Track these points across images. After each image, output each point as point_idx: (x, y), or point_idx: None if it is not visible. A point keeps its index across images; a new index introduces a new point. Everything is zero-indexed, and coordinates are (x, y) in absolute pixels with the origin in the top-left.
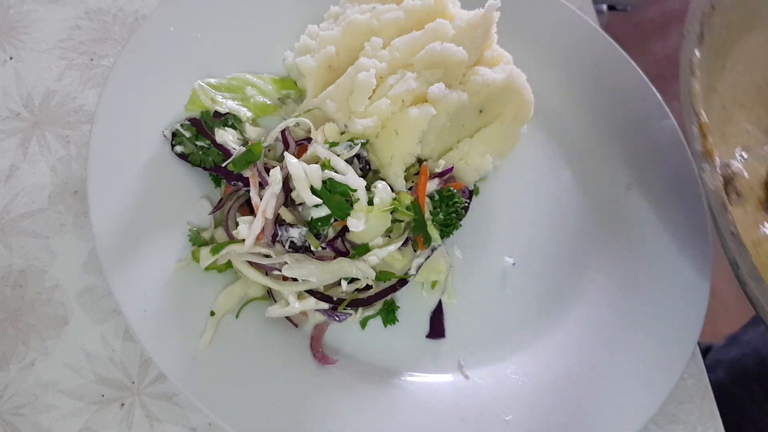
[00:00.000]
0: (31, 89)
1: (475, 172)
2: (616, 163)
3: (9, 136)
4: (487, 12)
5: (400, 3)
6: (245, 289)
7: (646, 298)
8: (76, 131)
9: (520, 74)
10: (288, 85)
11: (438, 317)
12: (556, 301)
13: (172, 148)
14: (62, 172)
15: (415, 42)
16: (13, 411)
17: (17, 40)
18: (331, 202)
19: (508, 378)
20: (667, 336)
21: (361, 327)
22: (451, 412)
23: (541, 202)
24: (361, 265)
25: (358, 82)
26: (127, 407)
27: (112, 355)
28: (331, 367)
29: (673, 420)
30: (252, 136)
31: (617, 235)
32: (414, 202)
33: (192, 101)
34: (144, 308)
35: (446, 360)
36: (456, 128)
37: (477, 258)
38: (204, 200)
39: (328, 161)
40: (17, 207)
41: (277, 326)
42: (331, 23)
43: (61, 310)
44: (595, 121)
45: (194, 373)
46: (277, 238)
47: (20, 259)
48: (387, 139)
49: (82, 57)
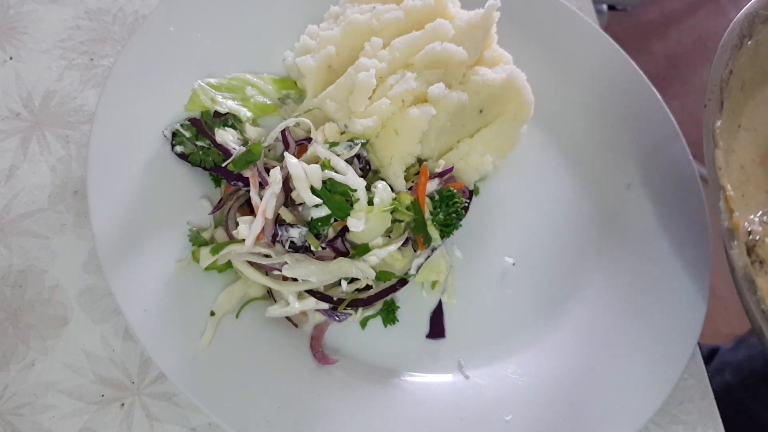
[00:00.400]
0: (31, 89)
1: (475, 172)
2: (616, 163)
3: (9, 136)
4: (487, 12)
5: (400, 3)
6: (245, 289)
7: (646, 298)
8: (76, 131)
9: (520, 74)
10: (288, 85)
11: (438, 317)
12: (556, 301)
13: (172, 148)
14: (62, 172)
15: (415, 42)
16: (13, 411)
17: (17, 40)
18: (331, 202)
19: (508, 378)
20: (667, 336)
21: (361, 327)
22: (451, 412)
23: (541, 201)
24: (361, 265)
25: (358, 82)
26: (127, 407)
27: (112, 355)
28: (331, 367)
29: (673, 420)
30: (252, 136)
31: (617, 235)
32: (414, 202)
33: (192, 101)
34: (144, 308)
35: (446, 360)
36: (456, 128)
37: (477, 258)
38: (204, 200)
39: (328, 161)
40: (17, 207)
41: (277, 326)
42: (331, 23)
43: (61, 310)
44: (595, 121)
45: (194, 373)
46: (277, 238)
47: (20, 259)
48: (387, 139)
49: (82, 57)
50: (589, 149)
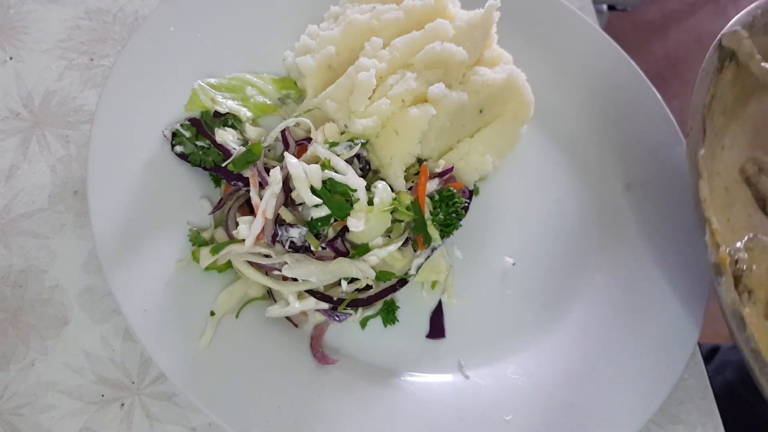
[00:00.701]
0: (31, 89)
1: (475, 172)
2: (616, 163)
3: (9, 136)
4: (487, 12)
5: (400, 3)
6: (245, 289)
7: (645, 298)
8: (76, 131)
9: (520, 74)
10: (288, 85)
11: (438, 317)
12: (556, 301)
13: (172, 148)
14: (62, 172)
15: (415, 42)
16: (13, 411)
17: (17, 40)
18: (331, 202)
19: (508, 378)
20: (667, 336)
21: (361, 327)
22: (451, 412)
23: (541, 201)
24: (361, 265)
25: (358, 82)
26: (127, 407)
27: (112, 355)
28: (331, 367)
29: (673, 420)
30: (252, 136)
31: (617, 235)
32: (414, 202)
33: (192, 101)
34: (144, 308)
35: (446, 360)
36: (456, 128)
37: (477, 258)
38: (204, 200)
39: (328, 161)
40: (17, 207)
41: (277, 326)
42: (331, 23)
43: (61, 310)
44: (595, 121)
45: (194, 373)
46: (277, 238)
47: (20, 259)
48: (387, 139)
49: (82, 57)
50: (589, 149)
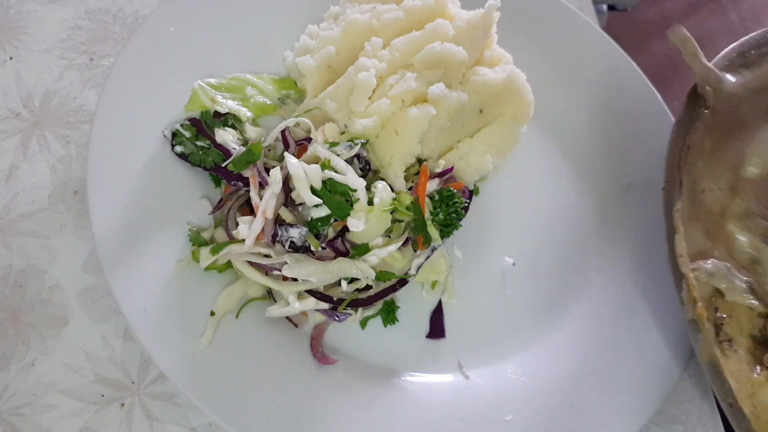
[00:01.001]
0: (31, 89)
1: (475, 172)
2: (616, 163)
3: (9, 136)
4: (487, 12)
5: (400, 3)
6: (245, 289)
7: (645, 298)
8: (76, 131)
9: (520, 74)
10: (288, 85)
11: (438, 317)
12: (556, 301)
13: (172, 148)
14: (62, 172)
15: (415, 42)
16: (13, 411)
17: (17, 40)
18: (331, 202)
19: (508, 378)
20: (667, 336)
21: (361, 327)
22: (451, 412)
23: (541, 201)
24: (361, 265)
25: (358, 82)
26: (127, 407)
27: (112, 355)
28: (331, 367)
29: (673, 420)
30: (252, 136)
31: (617, 235)
32: (414, 202)
33: (192, 101)
34: (144, 308)
35: (446, 360)
36: (456, 128)
37: (477, 258)
38: (204, 200)
39: (328, 161)
40: (17, 207)
41: (277, 326)
42: (331, 23)
43: (61, 310)
44: (595, 121)
45: (194, 373)
46: (277, 238)
47: (20, 259)
48: (387, 139)
49: (82, 57)
50: (589, 149)
